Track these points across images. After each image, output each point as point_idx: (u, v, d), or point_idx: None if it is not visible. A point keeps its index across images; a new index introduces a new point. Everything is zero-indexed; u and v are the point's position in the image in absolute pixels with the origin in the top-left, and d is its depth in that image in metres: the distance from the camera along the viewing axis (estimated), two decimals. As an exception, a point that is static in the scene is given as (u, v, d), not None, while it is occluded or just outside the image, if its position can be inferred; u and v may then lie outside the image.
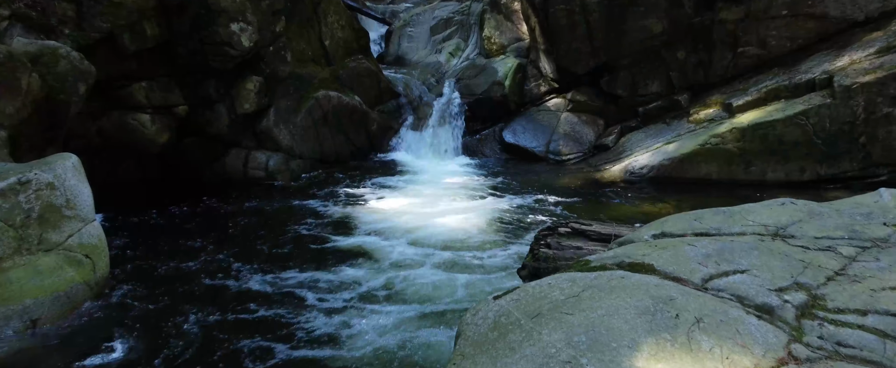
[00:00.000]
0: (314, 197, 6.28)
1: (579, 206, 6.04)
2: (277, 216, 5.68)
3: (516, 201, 6.14)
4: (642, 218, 5.59)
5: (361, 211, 5.70)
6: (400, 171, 7.57)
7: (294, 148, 7.19)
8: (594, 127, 8.12)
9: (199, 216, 5.68)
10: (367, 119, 8.24)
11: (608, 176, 7.12)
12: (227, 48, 6.23)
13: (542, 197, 6.28)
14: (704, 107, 7.18)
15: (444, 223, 5.22)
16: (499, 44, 9.20)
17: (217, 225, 5.45)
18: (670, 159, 6.70)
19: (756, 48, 7.01)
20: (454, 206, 5.82)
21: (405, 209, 5.72)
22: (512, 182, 6.96)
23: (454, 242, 4.73)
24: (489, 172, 7.50)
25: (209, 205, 5.99)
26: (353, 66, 8.36)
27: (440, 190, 6.59)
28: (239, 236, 5.15)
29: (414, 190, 6.52)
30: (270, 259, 4.59)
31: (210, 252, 4.73)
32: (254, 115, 6.87)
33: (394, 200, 6.08)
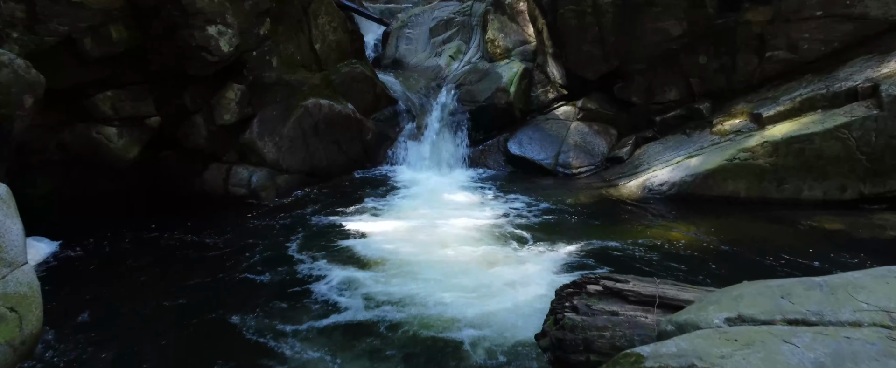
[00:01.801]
0: (299, 220, 5.67)
1: (595, 229, 5.43)
2: (255, 245, 5.06)
3: (523, 223, 5.53)
4: (666, 244, 5.00)
5: (351, 239, 5.08)
6: (397, 187, 6.96)
7: (280, 161, 6.58)
8: (606, 137, 7.51)
9: (167, 242, 5.07)
10: (362, 128, 7.64)
11: (624, 192, 6.51)
12: (204, 53, 5.62)
13: (553, 219, 5.67)
14: (729, 117, 6.57)
15: (443, 256, 4.60)
16: (503, 47, 8.59)
17: (185, 255, 4.83)
18: (693, 175, 6.09)
19: (785, 52, 6.41)
20: (454, 232, 5.20)
21: (400, 236, 5.11)
22: (518, 200, 6.34)
23: (454, 284, 4.09)
24: (493, 188, 6.89)
25: (182, 228, 5.37)
26: (347, 71, 7.75)
27: (439, 210, 5.97)
28: (208, 271, 4.52)
29: (410, 211, 5.90)
30: (240, 304, 3.97)
31: (170, 293, 4.10)
32: (235, 126, 6.26)
33: (388, 224, 5.47)
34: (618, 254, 4.76)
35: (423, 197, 6.47)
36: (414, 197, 6.50)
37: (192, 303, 3.91)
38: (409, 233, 5.15)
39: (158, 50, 5.56)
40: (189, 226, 5.41)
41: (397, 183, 7.15)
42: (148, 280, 4.33)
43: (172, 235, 5.20)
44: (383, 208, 6.07)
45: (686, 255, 4.75)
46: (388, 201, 6.32)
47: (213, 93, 6.07)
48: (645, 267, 4.47)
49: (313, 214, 5.85)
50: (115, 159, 5.46)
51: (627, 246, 4.93)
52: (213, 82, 6.03)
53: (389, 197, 6.50)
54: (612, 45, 7.17)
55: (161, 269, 4.52)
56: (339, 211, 5.93)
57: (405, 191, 6.73)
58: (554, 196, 6.54)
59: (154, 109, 5.71)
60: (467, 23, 9.92)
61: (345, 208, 6.08)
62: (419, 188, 6.91)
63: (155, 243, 5.06)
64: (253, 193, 6.23)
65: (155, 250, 4.91)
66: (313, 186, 6.85)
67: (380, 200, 6.34)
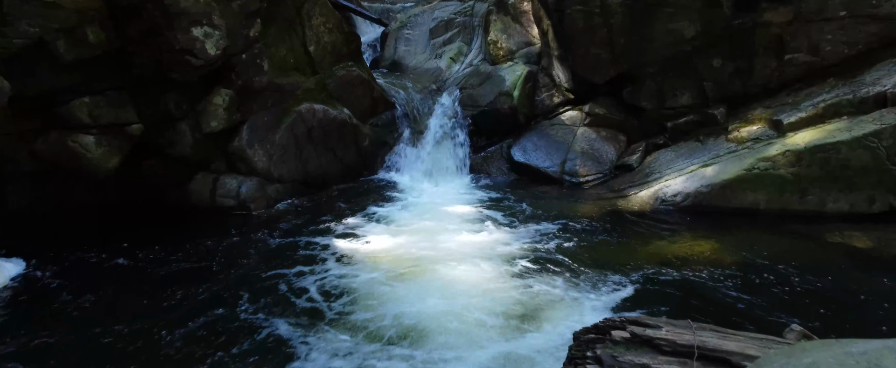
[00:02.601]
0: (288, 235, 5.30)
1: (606, 245, 5.07)
2: (240, 263, 4.71)
3: (529, 239, 5.17)
4: (684, 262, 4.64)
5: (343, 257, 4.72)
6: (395, 196, 6.61)
7: (271, 170, 6.22)
8: (615, 144, 7.15)
9: (146, 260, 4.71)
10: (359, 134, 7.29)
11: (635, 203, 6.15)
12: (188, 57, 5.27)
13: (561, 233, 5.31)
14: (746, 123, 6.21)
15: (443, 280, 4.23)
16: (506, 49, 8.24)
17: (165, 274, 4.47)
18: (710, 185, 5.73)
19: (806, 55, 6.05)
20: (455, 250, 4.84)
21: (396, 255, 4.75)
22: (522, 211, 5.99)
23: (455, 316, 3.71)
24: (496, 198, 6.53)
25: (163, 243, 5.02)
26: (343, 75, 7.40)
27: (439, 222, 5.61)
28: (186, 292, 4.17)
29: (409, 225, 5.54)
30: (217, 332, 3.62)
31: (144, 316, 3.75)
32: (223, 134, 5.91)
33: (384, 241, 5.11)
34: (632, 275, 4.40)
35: (423, 209, 6.11)
36: (412, 208, 6.15)
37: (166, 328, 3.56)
38: (407, 251, 4.79)
39: (139, 53, 5.20)
40: (171, 242, 5.05)
41: (395, 192, 6.79)
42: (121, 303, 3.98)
43: (153, 252, 4.85)
44: (379, 221, 5.71)
45: (706, 276, 4.39)
46: (385, 213, 5.96)
47: (200, 99, 5.72)
48: (662, 290, 4.12)
49: (304, 227, 5.49)
50: (94, 169, 5.11)
51: (641, 265, 4.57)
52: (199, 87, 5.67)
53: (387, 208, 6.14)
54: (621, 47, 6.81)
55: (135, 291, 4.16)
56: (331, 225, 5.56)
57: (403, 202, 6.37)
58: (561, 207, 6.18)
59: (135, 116, 5.36)
60: (468, 23, 9.57)
61: (338, 221, 5.72)
62: (418, 198, 6.55)
63: (133, 261, 4.70)
64: (242, 204, 5.87)
65: (132, 269, 4.55)
66: (306, 196, 6.50)
67: (376, 212, 5.98)
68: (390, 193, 6.74)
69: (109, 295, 4.09)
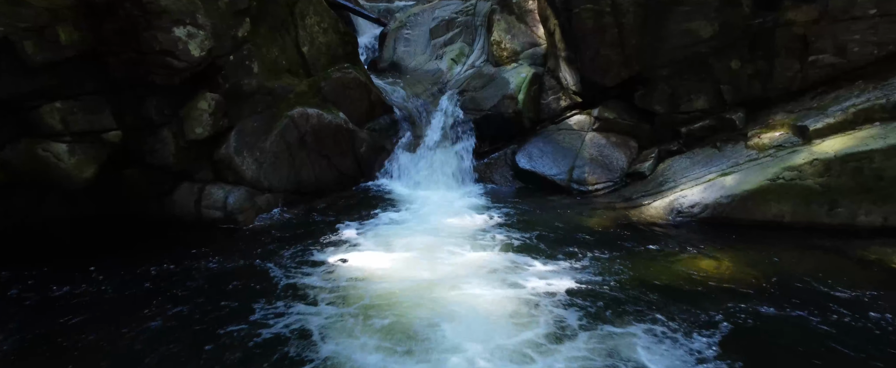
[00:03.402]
0: (277, 250, 4.91)
1: (620, 262, 4.68)
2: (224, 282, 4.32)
3: (537, 256, 4.77)
4: (705, 282, 4.26)
5: (336, 276, 4.33)
6: (393, 206, 6.22)
7: (261, 179, 5.84)
8: (626, 150, 6.77)
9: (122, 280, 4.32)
10: (355, 139, 6.91)
11: (649, 214, 5.76)
12: (169, 59, 4.89)
13: (571, 250, 4.91)
14: (767, 129, 5.82)
15: (445, 306, 3.84)
16: (510, 50, 7.85)
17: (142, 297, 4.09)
18: (730, 196, 5.34)
19: (832, 56, 5.67)
20: (455, 271, 4.44)
21: (395, 274, 4.36)
22: (528, 223, 5.59)
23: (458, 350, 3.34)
24: (500, 208, 6.14)
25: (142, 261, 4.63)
26: (338, 77, 7.02)
27: (439, 237, 5.22)
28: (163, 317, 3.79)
29: (408, 239, 5.15)
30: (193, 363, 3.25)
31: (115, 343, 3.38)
32: (209, 141, 5.53)
33: (381, 258, 4.72)
34: (650, 297, 4.02)
35: (422, 221, 5.72)
36: (411, 220, 5.76)
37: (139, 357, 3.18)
38: (406, 270, 4.40)
39: (116, 54, 4.82)
40: (150, 259, 4.67)
41: (393, 201, 6.40)
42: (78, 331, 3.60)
43: (130, 271, 4.46)
44: (376, 234, 5.32)
45: (731, 297, 4.02)
46: (383, 226, 5.57)
47: (183, 104, 5.33)
48: (685, 316, 3.73)
49: (295, 242, 5.10)
50: (67, 180, 4.73)
51: (660, 286, 4.19)
52: (182, 91, 5.29)
53: (384, 220, 5.75)
54: (633, 48, 6.43)
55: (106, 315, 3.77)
56: (324, 238, 5.18)
57: (402, 213, 5.98)
58: (570, 218, 5.79)
59: (113, 122, 4.97)
60: (470, 23, 9.19)
61: (332, 233, 5.33)
62: (417, 208, 6.17)
63: (107, 281, 4.31)
64: (229, 216, 5.49)
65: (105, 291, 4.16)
66: (299, 206, 6.11)
67: (372, 225, 5.60)
68: (388, 203, 6.35)
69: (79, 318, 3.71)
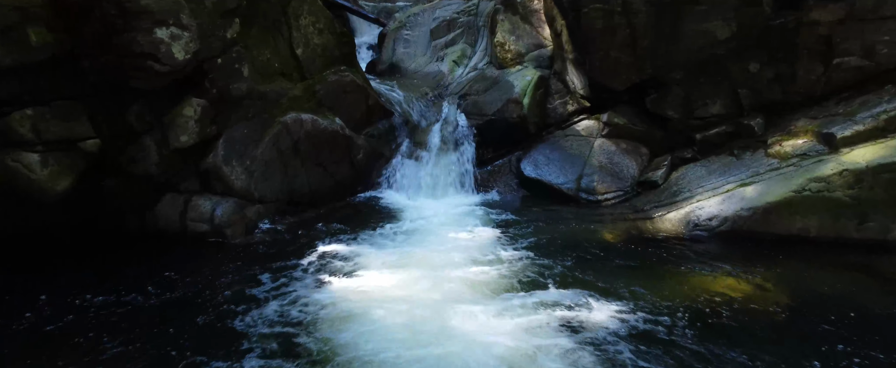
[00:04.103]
0: (266, 268, 4.55)
1: (635, 281, 4.34)
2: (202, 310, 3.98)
3: (544, 274, 4.43)
4: (728, 304, 3.92)
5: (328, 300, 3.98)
6: (391, 218, 5.88)
7: (252, 189, 5.50)
8: (637, 157, 6.42)
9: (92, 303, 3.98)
10: (352, 146, 6.56)
11: (663, 227, 5.42)
12: (151, 63, 4.55)
13: (581, 267, 4.57)
14: (789, 136, 5.48)
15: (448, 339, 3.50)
16: (514, 51, 7.51)
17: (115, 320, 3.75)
18: (751, 209, 5.00)
19: (859, 58, 5.33)
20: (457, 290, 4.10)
21: (392, 297, 4.00)
22: (535, 237, 5.24)
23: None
24: (504, 220, 5.79)
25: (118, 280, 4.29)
26: (334, 80, 6.68)
27: (440, 253, 4.87)
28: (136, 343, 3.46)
29: (406, 256, 4.79)
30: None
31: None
32: (196, 149, 5.19)
33: (378, 278, 4.37)
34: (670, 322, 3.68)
35: (423, 236, 5.38)
36: (411, 233, 5.41)
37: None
38: (404, 292, 4.05)
39: (93, 57, 4.49)
40: (128, 278, 4.33)
41: (392, 212, 6.06)
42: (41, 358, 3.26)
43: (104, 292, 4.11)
44: (374, 251, 4.97)
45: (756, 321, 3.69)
46: (381, 240, 5.23)
47: (167, 110, 5.00)
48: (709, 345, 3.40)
49: (286, 259, 4.75)
50: (39, 193, 4.39)
51: (681, 308, 3.85)
52: (166, 96, 4.96)
53: (382, 233, 5.41)
54: (644, 49, 6.09)
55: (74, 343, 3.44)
56: (318, 255, 4.83)
57: (401, 225, 5.63)
58: (578, 231, 5.45)
59: (91, 130, 4.64)
60: (472, 23, 8.85)
61: (326, 248, 4.98)
62: (418, 220, 5.82)
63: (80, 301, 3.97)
64: (216, 230, 5.15)
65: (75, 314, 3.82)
66: (291, 217, 5.76)
67: (370, 238, 5.25)
68: (387, 214, 6.01)
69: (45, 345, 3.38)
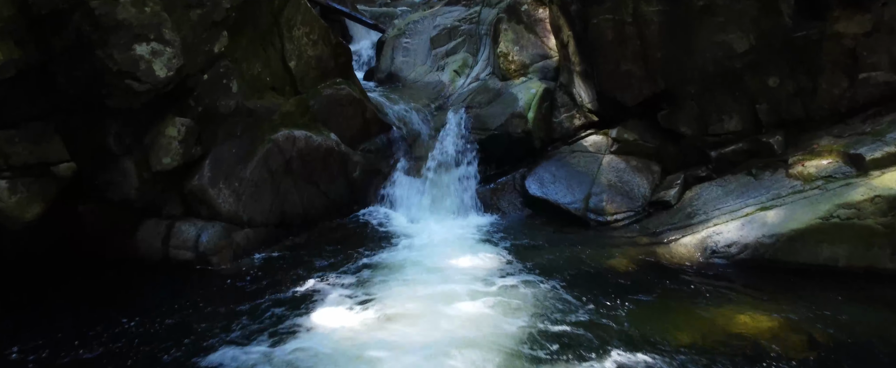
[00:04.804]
0: (253, 299, 4.23)
1: (651, 315, 4.02)
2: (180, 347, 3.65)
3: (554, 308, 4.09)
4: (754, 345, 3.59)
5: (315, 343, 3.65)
6: (389, 241, 5.54)
7: (240, 212, 5.17)
8: (648, 175, 6.09)
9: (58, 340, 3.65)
10: (347, 163, 6.24)
11: (678, 253, 5.08)
12: (129, 81, 4.22)
13: (592, 299, 4.23)
14: (812, 156, 5.14)
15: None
16: (518, 62, 7.17)
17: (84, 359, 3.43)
18: (773, 236, 4.66)
19: (887, 73, 5.00)
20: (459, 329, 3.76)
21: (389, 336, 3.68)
22: (542, 267, 4.89)
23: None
24: (508, 244, 5.45)
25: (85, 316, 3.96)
26: (329, 94, 6.36)
27: (440, 282, 4.53)
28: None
29: (404, 286, 4.45)
30: None
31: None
32: (179, 171, 4.86)
33: (372, 312, 4.04)
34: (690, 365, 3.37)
35: (421, 260, 5.04)
36: (410, 260, 5.07)
37: None
38: (400, 334, 3.71)
39: (66, 74, 4.16)
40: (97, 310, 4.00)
41: (390, 235, 5.72)
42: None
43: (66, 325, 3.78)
44: (368, 280, 4.64)
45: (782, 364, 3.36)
46: (376, 267, 4.89)
47: (148, 130, 4.67)
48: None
49: (274, 290, 4.42)
50: (7, 222, 4.06)
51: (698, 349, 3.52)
52: (147, 115, 4.63)
53: (378, 260, 5.07)
54: (657, 62, 5.76)
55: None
56: (308, 287, 4.49)
57: (398, 250, 5.30)
58: (589, 258, 5.11)
59: (65, 152, 4.30)
60: (474, 31, 8.52)
61: (316, 279, 4.64)
62: (416, 243, 5.48)
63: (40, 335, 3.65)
64: (201, 257, 4.81)
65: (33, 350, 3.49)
66: (282, 241, 5.43)
67: (365, 265, 4.92)
68: (384, 236, 5.68)
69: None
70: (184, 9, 4.69)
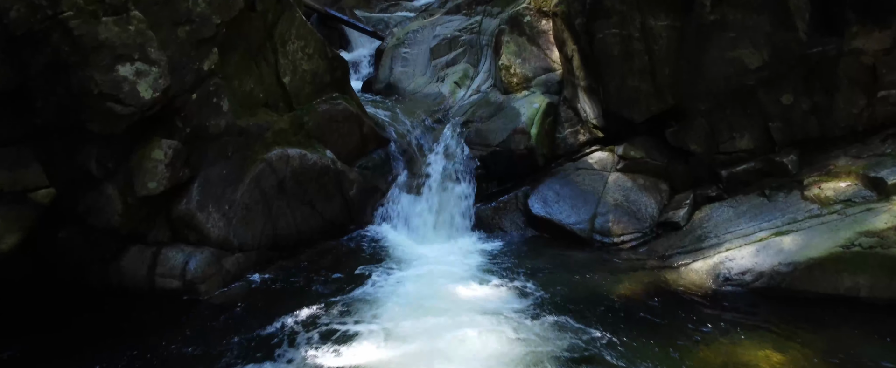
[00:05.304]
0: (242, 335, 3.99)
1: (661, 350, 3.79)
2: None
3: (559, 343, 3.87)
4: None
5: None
6: (385, 265, 5.30)
7: (230, 237, 4.94)
8: (656, 194, 5.86)
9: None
10: (344, 181, 6.01)
11: (688, 279, 4.84)
12: (111, 104, 4.00)
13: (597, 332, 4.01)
14: (829, 177, 4.91)
15: None
16: (521, 75, 6.95)
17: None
18: (791, 263, 4.43)
19: (908, 92, 4.78)
20: None
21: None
22: (547, 293, 4.66)
23: None
24: (511, 268, 5.21)
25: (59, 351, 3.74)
26: (325, 109, 6.13)
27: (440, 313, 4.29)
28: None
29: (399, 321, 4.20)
30: None
31: None
32: (166, 194, 4.63)
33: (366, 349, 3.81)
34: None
35: (419, 288, 4.81)
36: (407, 287, 4.83)
37: None
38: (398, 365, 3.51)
39: (45, 98, 3.94)
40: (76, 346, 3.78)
41: (387, 257, 5.48)
42: None
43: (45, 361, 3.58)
44: (362, 310, 4.41)
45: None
46: (371, 295, 4.66)
47: (132, 153, 4.44)
48: None
49: (265, 321, 4.18)
50: (-19, 253, 3.84)
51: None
52: (131, 137, 4.40)
53: (374, 286, 4.84)
54: (666, 78, 5.53)
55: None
56: (300, 318, 4.25)
57: (395, 276, 5.06)
58: (595, 283, 4.88)
59: (43, 179, 4.08)
60: (475, 42, 8.30)
61: (310, 307, 4.42)
62: (414, 268, 5.24)
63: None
64: (189, 286, 4.57)
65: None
66: (275, 265, 5.20)
67: (360, 294, 4.68)
68: (380, 260, 5.43)
69: None
70: (171, 26, 4.47)
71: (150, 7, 4.30)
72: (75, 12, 3.77)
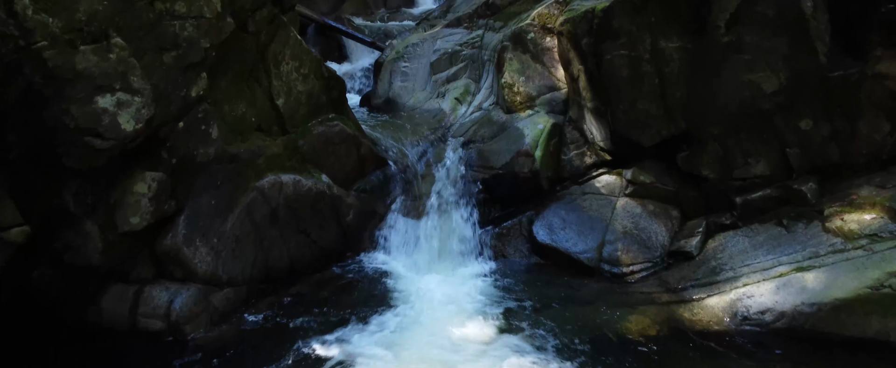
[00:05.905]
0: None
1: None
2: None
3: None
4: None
5: None
6: (383, 299, 5.03)
7: (219, 271, 4.67)
8: (667, 221, 5.59)
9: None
10: (340, 206, 5.75)
11: (704, 316, 4.58)
12: (90, 138, 3.74)
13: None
14: (851, 208, 4.64)
15: None
16: (524, 94, 6.68)
17: None
18: (814, 304, 4.16)
19: (935, 119, 4.52)
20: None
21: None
22: (551, 330, 4.39)
23: None
24: (515, 304, 4.92)
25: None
26: (321, 132, 5.87)
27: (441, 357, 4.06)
28: None
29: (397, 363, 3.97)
30: None
31: None
32: (151, 228, 4.37)
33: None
34: None
35: (417, 325, 4.53)
36: (405, 324, 4.55)
37: None
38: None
39: (18, 132, 3.69)
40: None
41: (385, 291, 5.22)
42: None
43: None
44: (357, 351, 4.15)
45: None
46: (368, 336, 4.38)
47: (113, 186, 4.17)
48: None
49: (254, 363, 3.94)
50: (-51, 299, 3.59)
51: None
52: (112, 170, 4.14)
53: (371, 323, 4.57)
54: (677, 101, 5.27)
55: None
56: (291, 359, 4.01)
57: (392, 310, 4.79)
58: (601, 320, 4.61)
59: (17, 216, 3.82)
60: (477, 57, 8.04)
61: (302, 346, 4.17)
62: (412, 301, 4.97)
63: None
64: (174, 326, 4.30)
65: None
66: (266, 300, 4.92)
67: (355, 333, 4.40)
68: (378, 293, 5.16)
69: None
70: (156, 52, 4.20)
71: (134, 33, 4.04)
72: (50, 42, 3.51)
